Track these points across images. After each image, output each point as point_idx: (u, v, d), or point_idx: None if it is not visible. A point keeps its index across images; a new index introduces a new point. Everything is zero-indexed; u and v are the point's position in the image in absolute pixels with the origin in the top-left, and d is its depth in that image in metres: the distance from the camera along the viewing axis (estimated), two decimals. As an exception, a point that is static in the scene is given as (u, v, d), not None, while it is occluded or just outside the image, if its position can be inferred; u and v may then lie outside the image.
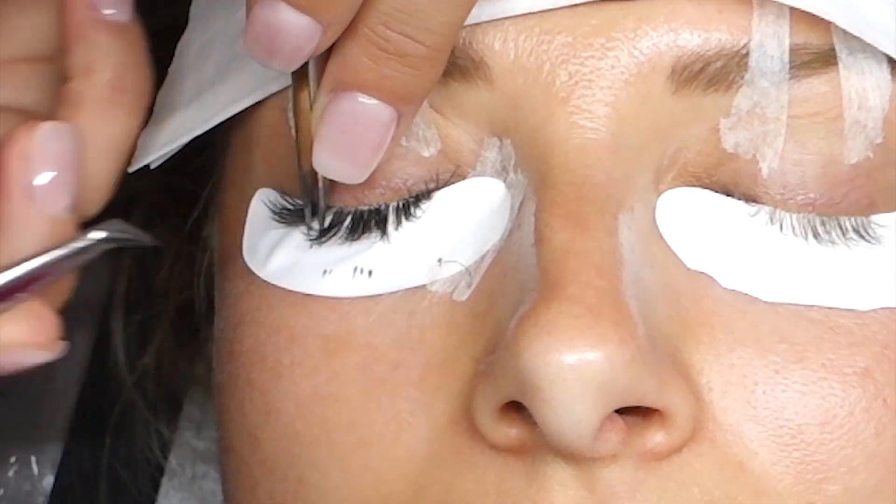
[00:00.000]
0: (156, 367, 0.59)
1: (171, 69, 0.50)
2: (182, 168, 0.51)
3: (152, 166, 0.48)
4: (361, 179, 0.41)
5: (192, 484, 0.60)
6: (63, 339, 0.43)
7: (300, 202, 0.45)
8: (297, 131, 0.43)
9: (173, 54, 0.50)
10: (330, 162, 0.41)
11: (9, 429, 0.61)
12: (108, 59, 0.44)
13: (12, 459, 0.61)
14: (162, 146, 0.47)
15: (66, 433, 0.60)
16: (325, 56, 0.40)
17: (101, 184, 0.45)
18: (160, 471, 0.60)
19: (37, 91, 0.45)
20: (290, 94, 0.43)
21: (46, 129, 0.42)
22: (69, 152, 0.43)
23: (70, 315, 0.61)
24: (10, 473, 0.60)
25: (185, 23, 0.50)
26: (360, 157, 0.41)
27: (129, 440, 0.59)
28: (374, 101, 0.40)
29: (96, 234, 0.43)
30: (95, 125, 0.44)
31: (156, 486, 0.60)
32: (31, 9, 0.45)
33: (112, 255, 0.60)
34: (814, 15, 0.41)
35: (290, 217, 0.45)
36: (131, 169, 0.47)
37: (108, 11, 0.45)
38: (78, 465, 0.60)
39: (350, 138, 0.40)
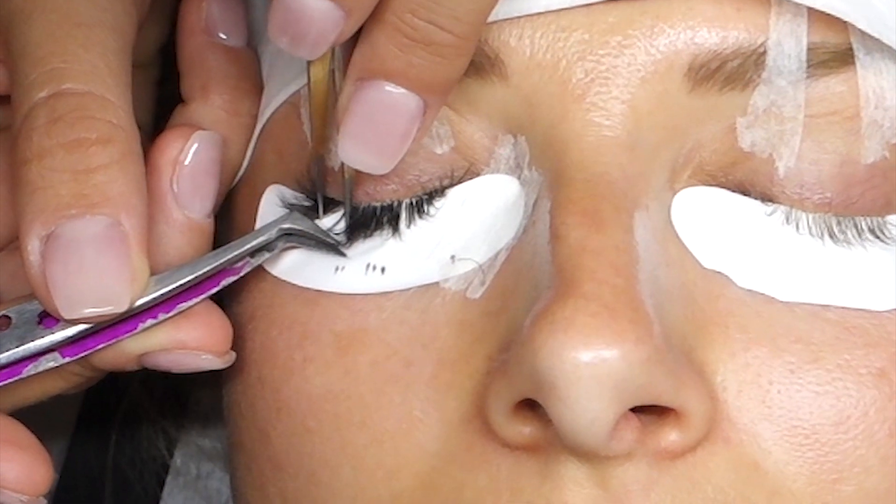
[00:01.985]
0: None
1: None
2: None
3: None
4: (387, 170, 0.41)
5: (198, 482, 0.60)
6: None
7: (314, 199, 0.44)
8: (311, 119, 0.43)
9: None
10: (355, 152, 0.41)
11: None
12: (223, 84, 0.46)
13: (17, 457, 0.60)
14: None
15: (71, 431, 0.60)
16: (351, 46, 0.40)
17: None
18: (165, 469, 0.60)
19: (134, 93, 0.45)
20: (304, 85, 0.43)
21: (198, 137, 0.44)
22: (215, 161, 0.44)
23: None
24: (15, 471, 0.60)
25: None
26: (386, 146, 0.40)
27: (135, 438, 0.59)
28: (402, 91, 0.39)
29: (279, 226, 0.44)
30: None
31: (161, 485, 0.60)
32: (147, 21, 0.47)
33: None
34: (832, 14, 0.41)
35: (306, 215, 0.45)
36: None
37: (222, 36, 0.47)
38: (83, 463, 0.60)
39: (376, 128, 0.40)
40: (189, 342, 0.43)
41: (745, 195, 0.42)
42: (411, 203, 0.43)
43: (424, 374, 0.42)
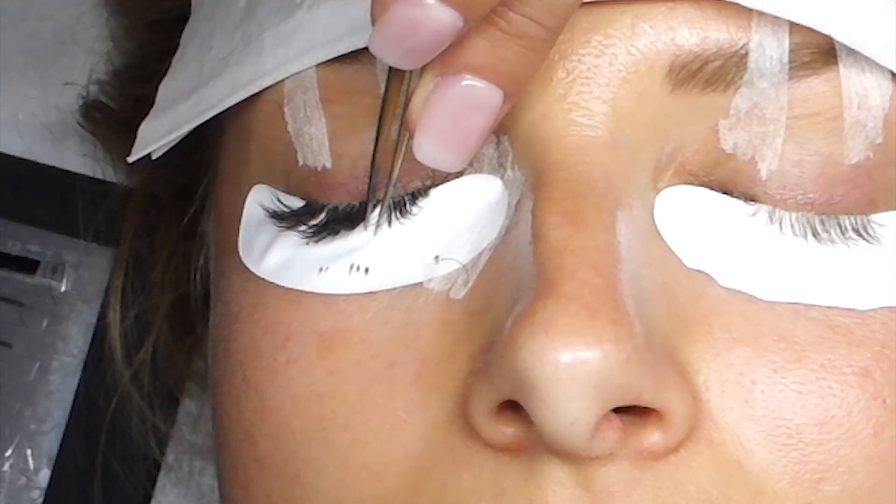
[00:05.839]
0: (153, 362, 0.58)
1: (173, 60, 0.49)
2: (179, 163, 0.50)
3: (153, 157, 0.47)
4: (460, 168, 0.40)
5: (190, 479, 0.60)
6: None
7: (297, 204, 0.44)
8: (382, 127, 0.42)
9: (177, 45, 0.50)
10: (432, 150, 0.39)
11: (5, 423, 0.61)
12: None
13: (8, 453, 0.61)
14: (161, 137, 0.47)
15: (62, 427, 0.60)
16: None
17: None
18: (157, 466, 0.60)
19: None
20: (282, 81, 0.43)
21: None
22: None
23: (66, 309, 0.61)
24: (6, 467, 0.60)
25: (189, 13, 0.50)
26: (466, 143, 0.39)
27: (126, 435, 0.59)
28: (485, 85, 0.38)
29: None
30: None
31: (152, 482, 0.60)
32: None
33: (110, 248, 0.60)
34: (813, 28, 0.40)
35: (288, 219, 0.45)
36: (131, 159, 0.47)
37: None
38: (74, 459, 0.60)
39: (458, 123, 0.38)
40: None
41: (728, 195, 0.42)
42: (394, 203, 0.43)
43: (408, 374, 0.42)
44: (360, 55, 0.43)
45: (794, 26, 0.41)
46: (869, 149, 0.42)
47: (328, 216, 0.44)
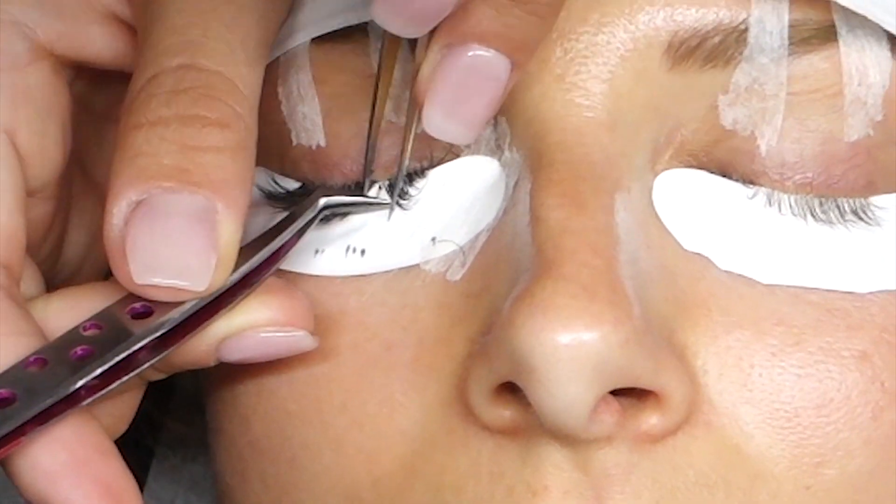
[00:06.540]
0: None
1: None
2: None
3: None
4: (471, 140, 0.40)
5: (182, 467, 0.60)
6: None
7: (292, 186, 0.44)
8: (378, 103, 0.42)
9: None
10: (442, 122, 0.38)
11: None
12: None
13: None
14: None
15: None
16: None
17: None
18: (150, 453, 0.60)
19: None
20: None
21: None
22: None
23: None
24: None
25: None
26: (476, 115, 0.38)
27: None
28: (493, 53, 0.37)
29: (322, 202, 0.42)
30: None
31: (145, 469, 0.60)
32: None
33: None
34: None
35: (283, 200, 0.44)
36: None
37: None
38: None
39: (466, 95, 0.38)
40: (279, 318, 0.41)
41: (727, 177, 0.42)
42: (391, 185, 0.43)
43: (405, 356, 0.42)
44: (353, 34, 0.43)
45: (793, 2, 0.41)
46: (869, 126, 0.42)
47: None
